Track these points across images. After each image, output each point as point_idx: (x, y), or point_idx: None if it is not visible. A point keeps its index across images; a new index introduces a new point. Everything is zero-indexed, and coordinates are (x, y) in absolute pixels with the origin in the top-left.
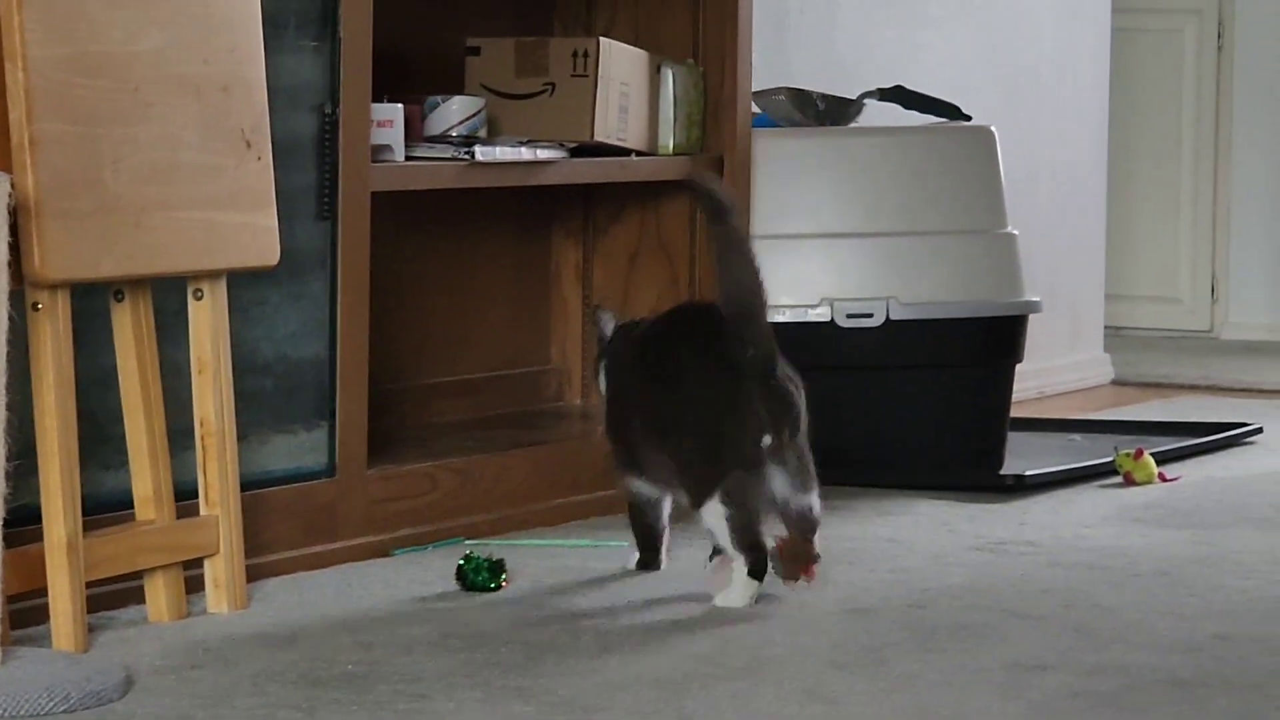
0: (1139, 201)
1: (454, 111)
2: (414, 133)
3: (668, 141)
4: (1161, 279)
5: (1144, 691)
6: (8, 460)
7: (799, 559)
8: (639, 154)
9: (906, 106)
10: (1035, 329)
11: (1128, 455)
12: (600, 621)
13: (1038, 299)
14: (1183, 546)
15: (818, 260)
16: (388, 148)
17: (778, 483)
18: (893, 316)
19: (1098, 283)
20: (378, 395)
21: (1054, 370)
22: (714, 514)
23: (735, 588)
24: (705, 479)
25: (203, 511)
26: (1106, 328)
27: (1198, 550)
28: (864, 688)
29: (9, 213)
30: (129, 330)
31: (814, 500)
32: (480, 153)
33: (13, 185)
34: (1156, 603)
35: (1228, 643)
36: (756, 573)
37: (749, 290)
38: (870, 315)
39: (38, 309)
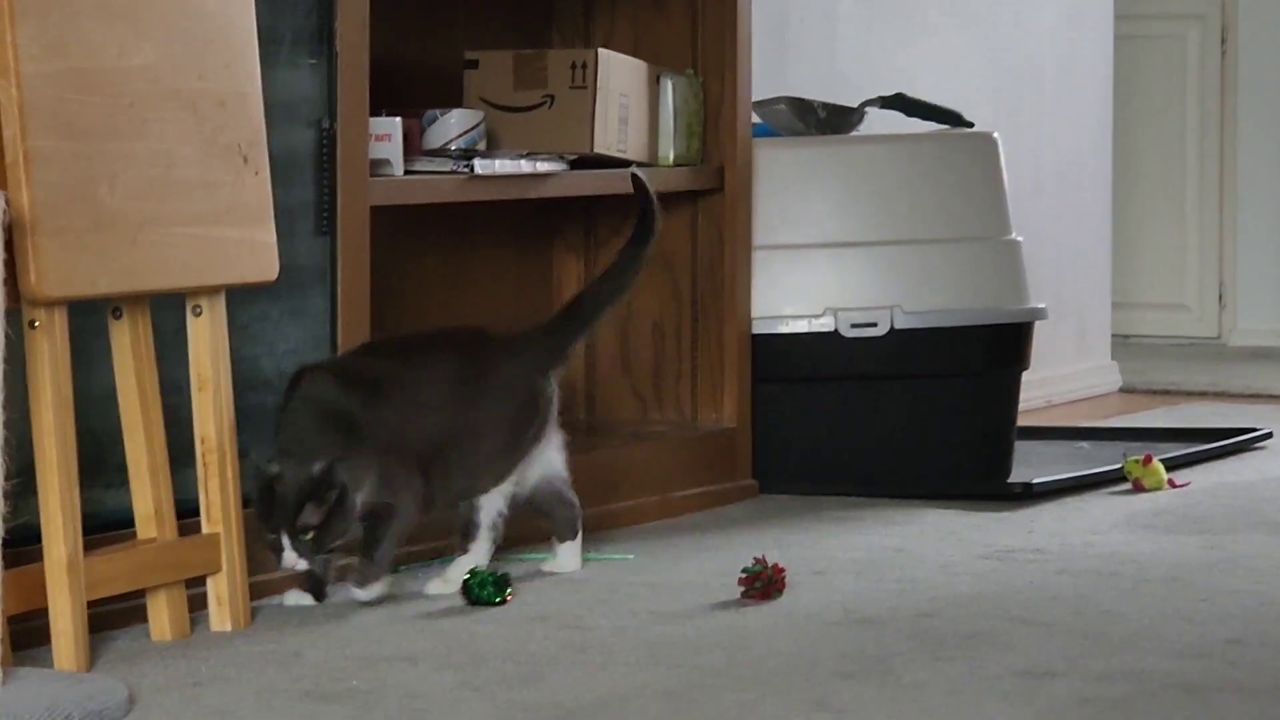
0: (1144, 209)
1: (452, 125)
2: (412, 147)
3: (668, 153)
4: (1168, 286)
5: (1155, 697)
6: (7, 479)
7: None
8: (639, 165)
9: (908, 114)
10: (1042, 337)
11: (1137, 462)
12: (606, 634)
13: (1043, 306)
14: (1193, 552)
15: (821, 270)
16: (386, 162)
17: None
18: (897, 325)
19: (1104, 290)
20: None
21: (1061, 379)
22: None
23: (570, 554)
24: (508, 466)
25: (205, 529)
26: (1113, 336)
27: (1208, 555)
28: (872, 697)
29: (4, 230)
30: (128, 348)
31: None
32: (479, 166)
33: (7, 202)
34: (1167, 608)
35: (1240, 647)
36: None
37: (595, 310)
38: (875, 325)
39: (35, 327)
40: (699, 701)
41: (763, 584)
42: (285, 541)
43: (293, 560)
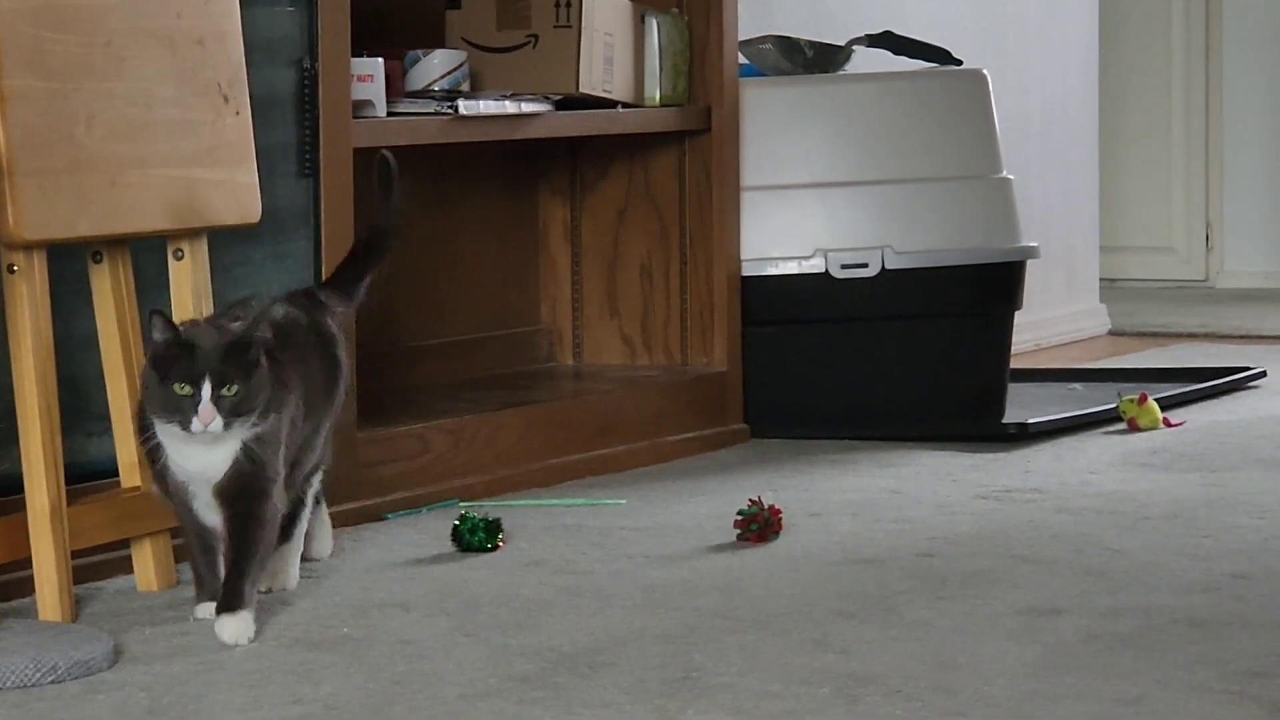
0: (1130, 152)
1: (435, 66)
2: (395, 88)
3: (654, 93)
4: (1155, 229)
5: (1163, 632)
6: None
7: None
8: (625, 106)
9: (896, 52)
10: (1030, 281)
11: (1132, 401)
12: (601, 578)
13: (1035, 245)
14: (1192, 489)
15: (810, 211)
16: (369, 103)
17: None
18: (888, 266)
19: (1092, 232)
20: (364, 358)
21: (1050, 322)
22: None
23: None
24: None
25: None
26: (1101, 280)
27: (1208, 492)
28: (875, 636)
29: None
30: (109, 292)
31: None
32: (463, 106)
33: None
34: (1170, 544)
35: (1246, 581)
36: None
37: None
38: (865, 265)
39: (13, 271)
40: (698, 644)
41: (759, 526)
42: (205, 393)
43: (210, 416)
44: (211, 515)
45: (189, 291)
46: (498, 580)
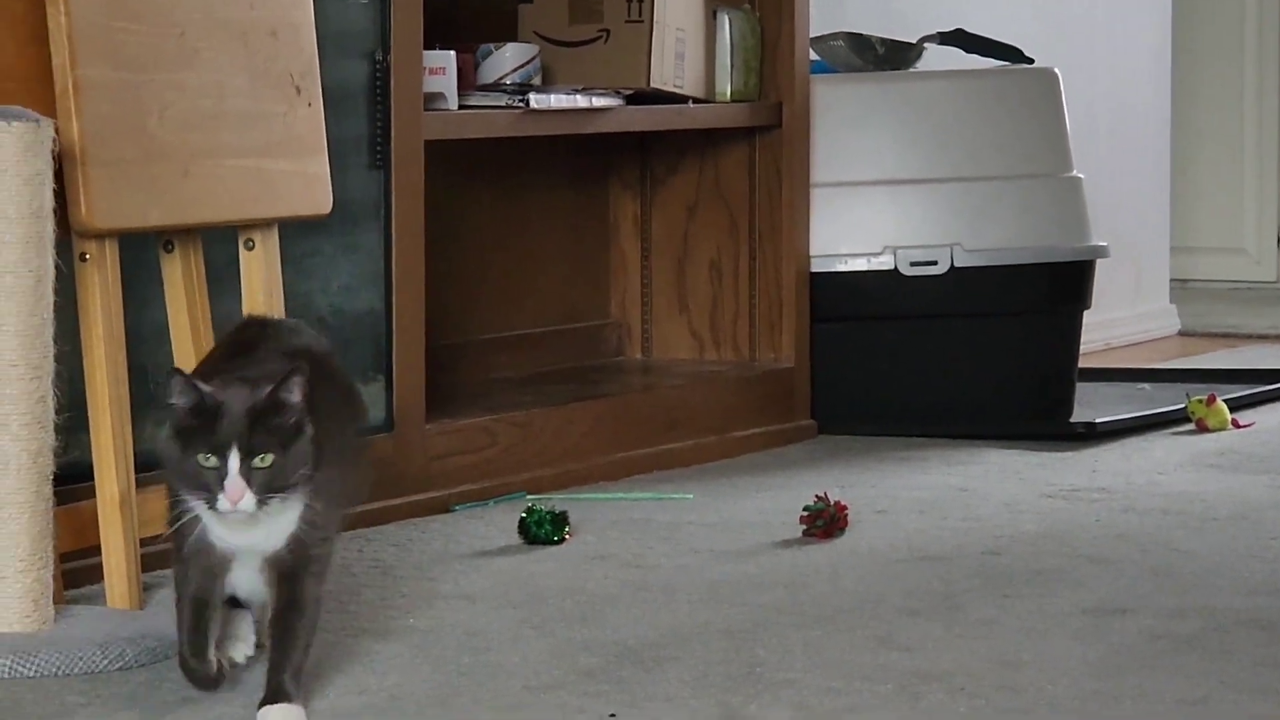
0: (1202, 153)
1: (507, 59)
2: (466, 81)
3: (725, 88)
4: (1226, 230)
5: (1228, 634)
6: (58, 413)
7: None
8: (696, 101)
9: (967, 50)
10: (1100, 280)
11: (1200, 401)
12: (667, 573)
13: (1105, 244)
14: (1260, 491)
15: (880, 208)
16: (440, 95)
17: None
18: (957, 264)
19: (1162, 232)
20: (434, 350)
21: (1119, 322)
22: None
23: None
24: None
25: None
26: (1171, 280)
27: (1276, 494)
28: (939, 634)
29: (54, 160)
30: (179, 282)
31: None
32: (534, 100)
33: (57, 131)
34: (1237, 546)
35: None
36: None
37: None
38: (934, 263)
39: (85, 260)
40: (762, 639)
41: (825, 522)
42: (232, 464)
43: (239, 493)
44: (248, 588)
45: (259, 282)
46: (564, 573)
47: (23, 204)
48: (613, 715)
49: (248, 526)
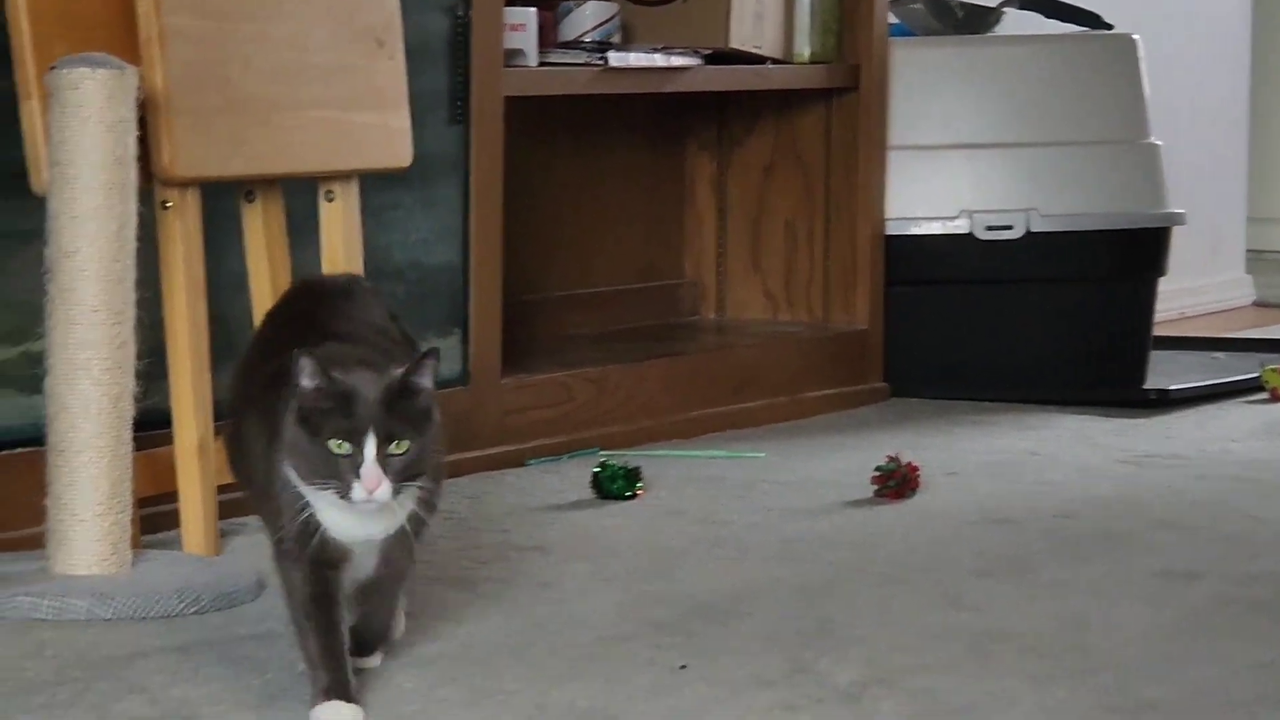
0: (1277, 123)
1: (587, 17)
2: (547, 38)
3: (803, 49)
4: None
5: None
6: (137, 359)
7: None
8: (774, 62)
9: (1047, 15)
10: (1176, 249)
11: (1275, 371)
12: (739, 529)
13: (1181, 211)
14: None
15: (957, 172)
16: (520, 52)
17: None
18: (1033, 229)
19: (1239, 201)
20: (510, 306)
21: (1195, 291)
22: None
23: None
24: None
25: None
26: (1248, 251)
27: None
28: (1010, 595)
29: (138, 107)
30: (260, 232)
31: None
32: (614, 58)
33: (141, 79)
34: None
35: None
36: None
37: None
38: (1010, 228)
39: (167, 208)
40: (833, 597)
41: (896, 483)
42: (369, 452)
43: (375, 481)
44: (363, 573)
45: (339, 234)
46: (636, 528)
47: (106, 151)
48: (683, 666)
49: (372, 517)
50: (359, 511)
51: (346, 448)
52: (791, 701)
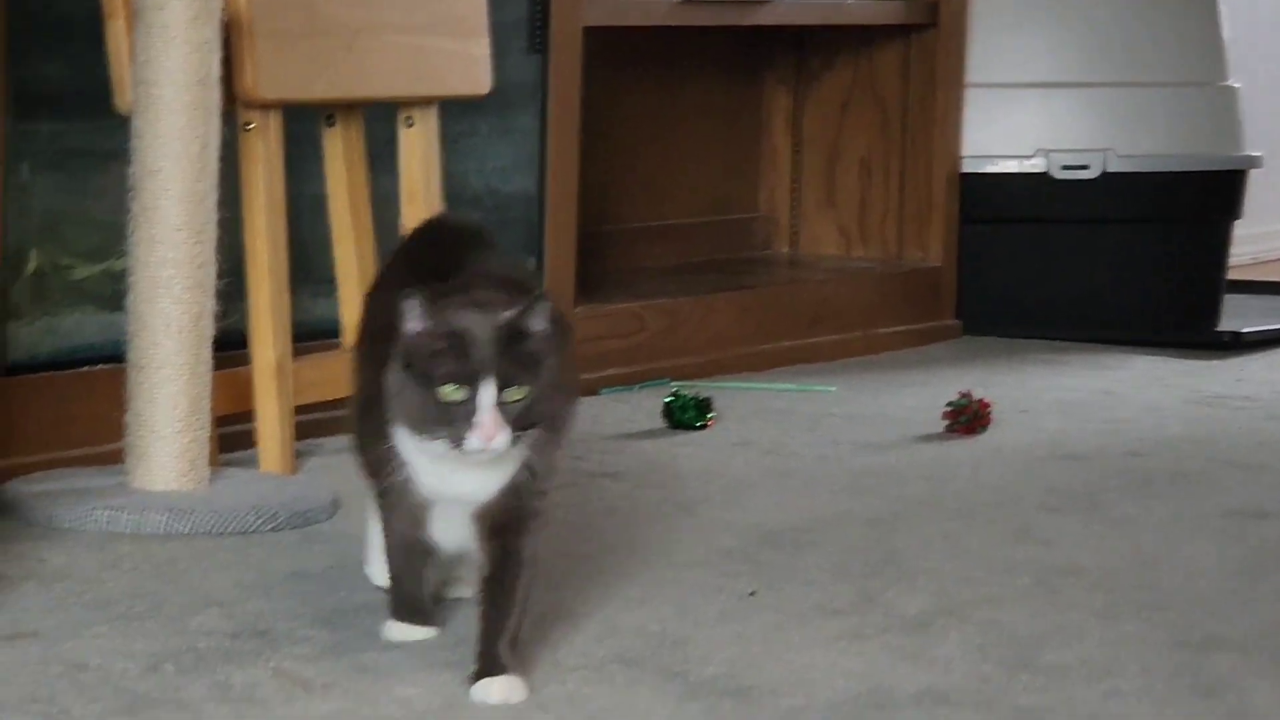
0: None
1: None
2: None
3: None
4: None
5: None
6: (218, 278)
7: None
8: None
9: None
10: (1252, 193)
11: None
12: (809, 461)
13: (1259, 154)
14: None
15: (1034, 110)
16: None
17: None
18: (1109, 169)
19: None
20: (584, 237)
21: (1270, 235)
22: None
23: None
24: None
25: None
26: None
27: None
28: (1078, 530)
29: (221, 29)
30: (340, 156)
31: None
32: None
33: (225, 1)
34: None
35: None
36: None
37: None
38: (1086, 167)
39: (249, 129)
40: (902, 529)
41: (968, 418)
42: (485, 399)
43: (493, 429)
44: (453, 540)
45: (418, 159)
46: (706, 457)
47: (190, 71)
48: (752, 594)
49: (470, 470)
50: (472, 463)
51: (461, 393)
52: (859, 630)
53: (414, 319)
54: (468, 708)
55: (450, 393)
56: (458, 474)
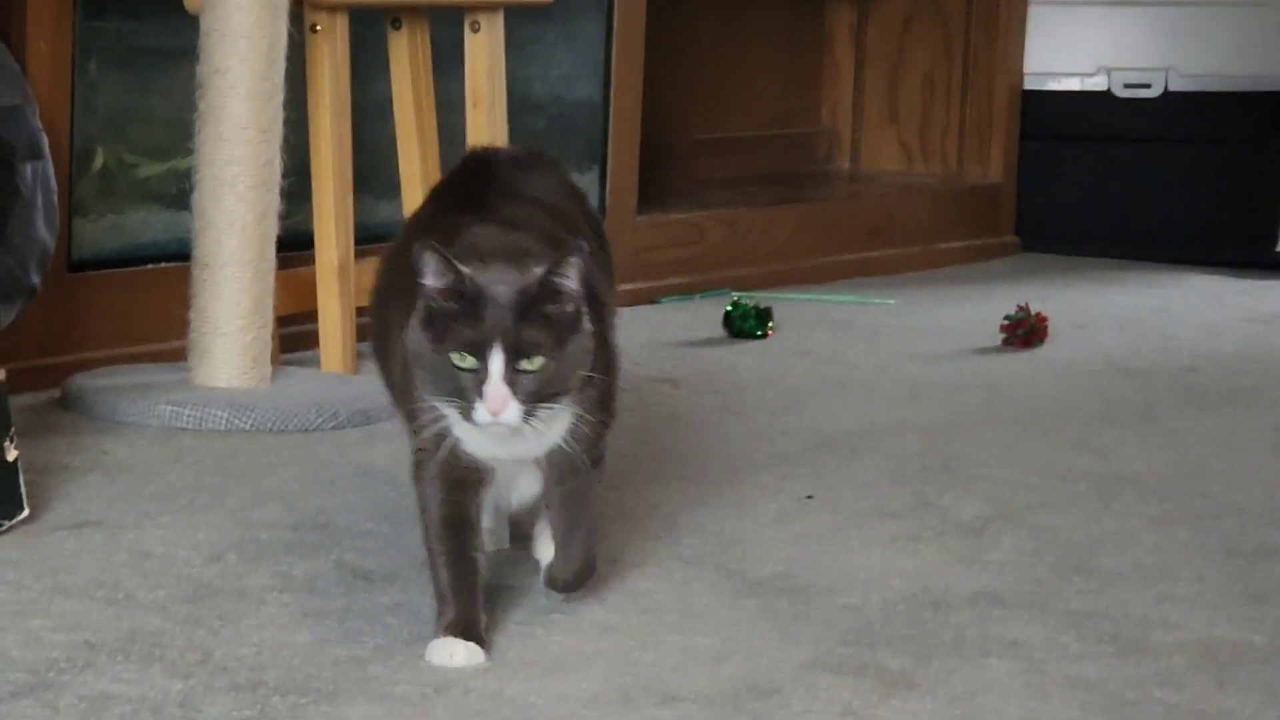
0: None
1: None
2: None
3: None
4: None
5: None
6: (283, 178)
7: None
8: None
9: None
10: None
11: None
12: (867, 371)
13: None
14: None
15: (1096, 27)
16: None
17: None
18: (1172, 88)
19: None
20: (646, 147)
21: None
22: None
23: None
24: None
25: None
26: None
27: None
28: (1133, 441)
29: None
30: (405, 60)
31: None
32: None
33: None
34: None
35: None
36: None
37: None
38: (1149, 86)
39: (316, 31)
40: (958, 437)
41: (1025, 331)
42: (494, 368)
43: (500, 402)
44: (519, 493)
45: (482, 65)
46: (765, 365)
47: None
48: (810, 497)
49: (508, 439)
50: (486, 434)
51: (470, 361)
52: (915, 533)
53: (431, 273)
54: (532, 592)
55: (459, 360)
56: (498, 441)
